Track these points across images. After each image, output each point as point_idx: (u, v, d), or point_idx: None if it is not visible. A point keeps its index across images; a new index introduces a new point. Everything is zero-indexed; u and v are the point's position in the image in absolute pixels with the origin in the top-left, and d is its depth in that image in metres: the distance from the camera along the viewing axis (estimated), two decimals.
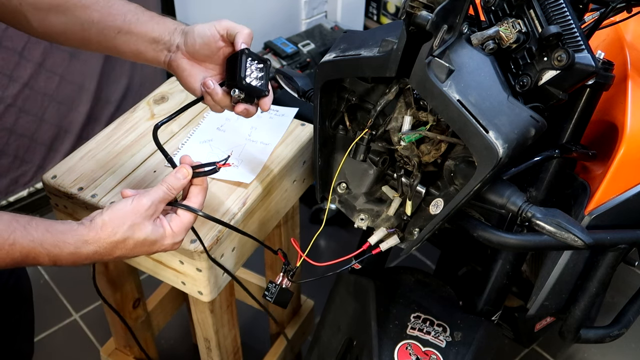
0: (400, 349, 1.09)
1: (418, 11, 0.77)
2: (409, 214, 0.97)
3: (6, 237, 0.72)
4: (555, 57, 0.85)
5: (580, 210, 1.08)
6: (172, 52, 0.94)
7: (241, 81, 0.89)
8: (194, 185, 0.86)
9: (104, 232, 0.77)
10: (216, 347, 1.21)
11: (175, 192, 0.83)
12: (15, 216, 0.74)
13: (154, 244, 0.81)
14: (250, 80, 0.91)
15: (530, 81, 0.88)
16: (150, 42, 0.93)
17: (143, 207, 0.79)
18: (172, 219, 0.83)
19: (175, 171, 0.85)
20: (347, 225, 1.02)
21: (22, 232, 0.73)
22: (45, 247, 0.74)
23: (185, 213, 0.84)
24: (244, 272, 1.58)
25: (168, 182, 0.83)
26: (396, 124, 0.94)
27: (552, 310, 1.21)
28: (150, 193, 0.81)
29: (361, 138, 0.98)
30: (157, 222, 0.82)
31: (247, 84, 0.90)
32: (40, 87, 1.94)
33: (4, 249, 0.72)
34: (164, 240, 0.82)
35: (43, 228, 0.75)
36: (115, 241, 0.78)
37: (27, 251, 0.74)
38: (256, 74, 0.92)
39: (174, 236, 0.83)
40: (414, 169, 0.96)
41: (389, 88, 0.95)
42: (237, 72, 0.89)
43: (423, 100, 0.91)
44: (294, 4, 2.61)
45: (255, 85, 0.92)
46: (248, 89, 0.90)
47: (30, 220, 0.75)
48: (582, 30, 0.95)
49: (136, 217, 0.79)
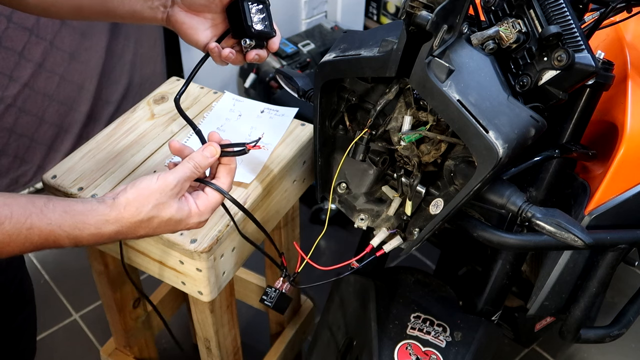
0: (400, 349, 1.09)
1: (418, 11, 0.77)
2: (409, 214, 0.97)
3: (23, 221, 0.69)
4: (555, 57, 0.85)
5: (580, 210, 1.08)
6: (169, 7, 0.91)
7: (250, 29, 0.88)
8: (222, 165, 0.83)
9: (128, 211, 0.75)
10: (216, 347, 1.21)
11: (201, 171, 0.81)
12: (31, 199, 0.71)
13: (179, 223, 0.78)
14: (257, 25, 0.89)
15: (530, 81, 0.88)
16: (145, 0, 0.91)
17: (169, 186, 0.76)
18: (199, 197, 0.80)
19: (202, 148, 0.81)
20: (347, 225, 1.03)
21: (39, 216, 0.70)
22: (65, 229, 0.72)
23: (213, 192, 0.81)
24: (244, 272, 1.58)
25: (195, 160, 0.80)
26: (396, 123, 0.94)
27: (552, 310, 1.21)
28: (176, 171, 0.78)
29: (361, 138, 0.98)
30: (182, 201, 0.79)
31: (256, 31, 0.88)
32: (40, 87, 1.94)
33: (22, 234, 0.69)
34: (189, 219, 0.79)
35: (61, 209, 0.72)
36: (139, 220, 0.75)
37: (46, 235, 0.71)
38: (259, 16, 0.90)
39: (200, 215, 0.80)
40: (414, 169, 0.96)
41: (389, 88, 0.95)
42: (243, 20, 0.88)
43: (423, 100, 0.91)
44: (294, 4, 2.61)
45: (262, 29, 0.90)
46: (258, 35, 0.89)
47: (48, 202, 0.72)
48: (582, 30, 0.95)
49: (161, 196, 0.76)
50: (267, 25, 0.91)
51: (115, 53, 2.10)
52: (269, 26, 0.92)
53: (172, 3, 0.92)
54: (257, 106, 1.24)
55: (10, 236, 0.68)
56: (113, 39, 2.06)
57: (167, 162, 1.10)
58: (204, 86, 1.31)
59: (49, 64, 1.93)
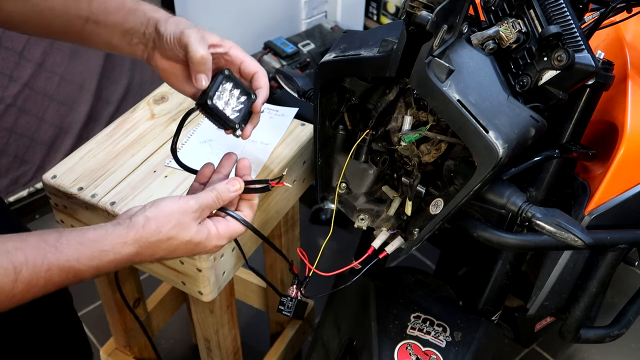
0: (400, 349, 1.09)
1: (418, 11, 0.77)
2: (409, 214, 0.97)
3: (40, 263, 0.66)
4: (555, 57, 0.85)
5: (580, 210, 1.08)
6: (149, 47, 0.85)
7: (229, 123, 0.82)
8: (243, 200, 0.83)
9: (147, 230, 0.72)
10: (216, 347, 1.21)
11: (222, 203, 0.80)
12: (42, 236, 0.68)
13: (197, 245, 0.77)
14: (233, 115, 0.83)
15: (530, 81, 0.88)
16: (123, 35, 0.85)
17: (191, 208, 0.75)
18: (219, 222, 0.79)
19: (227, 181, 0.81)
20: (347, 225, 1.02)
21: (55, 254, 0.67)
22: (83, 262, 0.69)
23: (234, 220, 0.80)
24: (244, 272, 1.58)
25: (218, 191, 0.79)
26: (396, 124, 0.94)
27: (552, 310, 1.21)
28: (198, 196, 0.77)
29: (363, 139, 0.98)
30: (202, 224, 0.78)
31: (212, 105, 0.81)
32: (40, 87, 1.94)
33: (42, 277, 0.66)
34: (208, 242, 0.77)
35: (75, 242, 0.69)
36: (158, 240, 0.73)
37: (66, 271, 0.68)
38: (234, 103, 0.84)
39: (219, 238, 0.79)
40: (414, 169, 0.96)
41: (390, 89, 0.95)
42: (221, 118, 0.82)
43: (423, 100, 0.91)
44: (294, 4, 2.61)
45: (226, 115, 0.82)
46: (213, 111, 0.81)
47: (60, 237, 0.69)
48: (582, 30, 0.95)
49: (182, 217, 0.74)
50: (237, 117, 0.85)
51: None
52: (239, 119, 0.85)
53: (153, 45, 0.86)
54: None
55: (30, 282, 0.65)
56: None
57: (167, 162, 1.10)
58: None
59: (49, 64, 1.93)
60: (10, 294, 0.64)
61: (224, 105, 0.83)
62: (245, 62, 0.86)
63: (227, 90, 0.83)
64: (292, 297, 0.95)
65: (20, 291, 0.65)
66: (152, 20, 0.85)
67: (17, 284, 0.64)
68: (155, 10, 0.86)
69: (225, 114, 0.83)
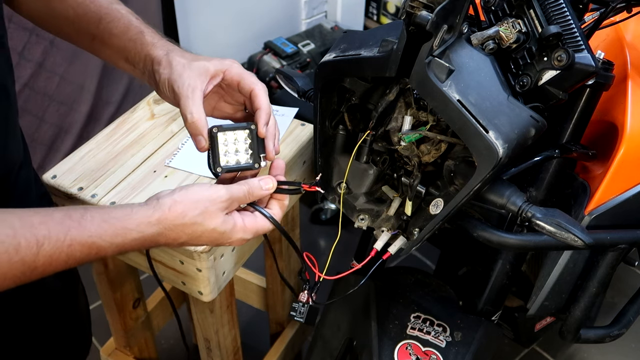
0: (400, 349, 1.09)
1: (418, 11, 0.77)
2: (409, 214, 0.97)
3: (62, 238, 0.66)
4: (555, 57, 0.85)
5: (580, 210, 1.08)
6: (152, 81, 0.85)
7: (214, 168, 0.81)
8: (274, 199, 0.83)
9: (172, 212, 0.72)
10: (216, 347, 1.21)
11: (253, 199, 0.79)
12: (68, 212, 0.68)
13: (222, 235, 0.76)
14: (229, 160, 0.82)
15: (530, 81, 0.88)
16: (125, 61, 0.86)
17: (220, 198, 0.75)
18: (247, 215, 0.79)
19: (261, 178, 0.80)
20: (347, 225, 1.02)
21: (78, 229, 0.67)
22: (106, 239, 0.69)
23: (262, 217, 0.80)
24: (244, 272, 1.58)
25: (250, 186, 0.78)
26: (396, 124, 0.94)
27: (552, 310, 1.21)
28: (230, 187, 0.76)
29: (364, 140, 0.98)
30: (228, 215, 0.77)
31: (224, 169, 0.81)
32: (40, 87, 1.94)
33: (63, 252, 0.67)
34: (233, 234, 0.77)
35: (99, 219, 0.69)
36: (183, 224, 0.73)
37: (88, 247, 0.68)
38: (242, 147, 0.82)
39: (245, 231, 0.78)
40: (414, 169, 0.96)
41: (389, 89, 0.95)
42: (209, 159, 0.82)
43: (423, 100, 0.91)
44: (294, 4, 2.61)
45: (241, 164, 0.82)
46: (229, 170, 0.82)
47: (85, 213, 0.69)
48: (582, 30, 0.95)
49: (210, 205, 0.74)
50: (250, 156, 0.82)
51: None
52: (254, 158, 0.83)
53: (154, 81, 0.84)
54: None
55: (52, 256, 0.66)
56: None
57: (167, 162, 1.10)
58: None
59: (49, 64, 1.93)
60: (32, 266, 0.65)
61: (234, 155, 0.82)
62: (242, 81, 0.84)
63: (230, 142, 0.82)
64: (304, 303, 0.95)
65: (42, 264, 0.66)
66: (149, 58, 0.84)
67: (39, 257, 0.65)
68: (154, 45, 0.84)
69: (240, 164, 0.83)
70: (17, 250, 0.64)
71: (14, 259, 0.63)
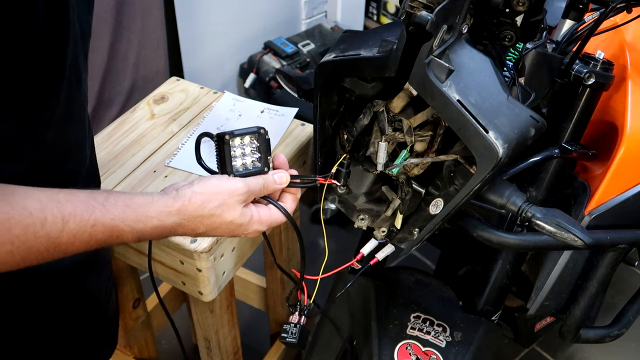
0: (400, 349, 1.09)
1: (418, 11, 0.77)
2: (398, 228, 0.97)
3: (87, 218, 0.67)
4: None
5: (580, 210, 1.08)
6: None
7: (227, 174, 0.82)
8: (286, 192, 0.87)
9: (192, 204, 0.74)
10: (216, 347, 1.21)
11: (267, 192, 0.83)
12: (92, 194, 0.69)
13: (239, 227, 0.79)
14: (240, 163, 0.83)
15: (513, 37, 0.89)
16: None
17: (238, 190, 0.78)
18: (261, 208, 0.83)
19: (275, 172, 0.85)
20: (347, 224, 1.02)
21: (101, 211, 0.68)
22: (128, 223, 0.70)
23: (276, 209, 0.84)
24: (244, 272, 1.58)
25: (266, 180, 0.83)
26: (374, 149, 0.94)
27: (552, 310, 1.21)
28: (247, 180, 0.80)
29: (340, 163, 0.97)
30: (245, 207, 0.80)
31: (237, 175, 0.83)
32: None
33: (87, 232, 0.67)
34: (249, 225, 0.80)
35: (122, 203, 0.70)
36: (201, 215, 0.75)
37: (110, 230, 0.69)
38: (250, 152, 0.84)
39: (260, 223, 0.81)
40: (404, 186, 0.96)
41: (363, 113, 0.95)
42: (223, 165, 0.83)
43: (398, 121, 0.91)
44: (294, 4, 2.61)
45: (250, 168, 0.84)
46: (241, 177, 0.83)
47: (108, 197, 0.70)
48: (582, 30, 0.95)
49: (229, 197, 0.77)
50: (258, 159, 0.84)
51: (118, 55, 2.09)
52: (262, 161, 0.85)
53: None
54: (257, 106, 1.24)
55: (75, 235, 0.67)
56: (116, 41, 2.06)
57: (167, 162, 1.10)
58: (203, 86, 1.31)
59: None
60: (56, 242, 0.65)
61: (243, 159, 0.84)
62: None
63: (239, 146, 0.84)
64: (296, 324, 0.95)
65: (65, 242, 0.66)
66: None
67: (64, 233, 0.65)
68: None
69: (251, 169, 0.85)
70: (44, 224, 0.64)
71: (39, 233, 0.63)
